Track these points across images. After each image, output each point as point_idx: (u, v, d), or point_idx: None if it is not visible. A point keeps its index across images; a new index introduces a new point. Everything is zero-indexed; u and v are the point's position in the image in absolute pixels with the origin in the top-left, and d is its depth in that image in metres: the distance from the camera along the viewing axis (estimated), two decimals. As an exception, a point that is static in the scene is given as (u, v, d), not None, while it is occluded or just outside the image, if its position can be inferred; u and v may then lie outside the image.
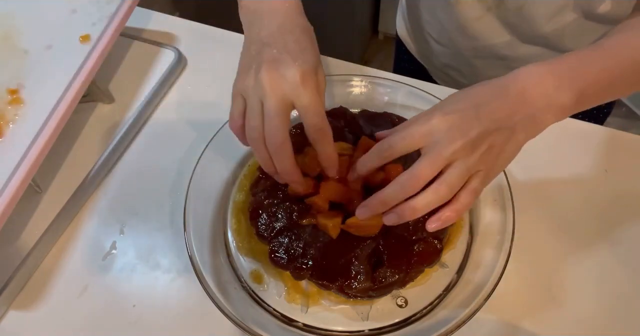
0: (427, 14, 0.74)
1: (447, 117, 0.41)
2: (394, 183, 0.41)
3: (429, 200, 0.41)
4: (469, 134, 0.40)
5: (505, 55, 0.69)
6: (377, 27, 1.92)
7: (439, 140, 0.40)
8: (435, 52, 0.78)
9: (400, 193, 0.41)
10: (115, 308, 0.53)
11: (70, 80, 0.57)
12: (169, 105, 0.67)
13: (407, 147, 0.42)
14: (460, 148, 0.40)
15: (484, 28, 0.66)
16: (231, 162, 0.58)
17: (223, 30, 0.74)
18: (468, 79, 0.78)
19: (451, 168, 0.41)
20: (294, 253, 0.47)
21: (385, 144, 0.43)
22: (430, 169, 0.40)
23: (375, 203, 0.42)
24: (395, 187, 0.41)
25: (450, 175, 0.41)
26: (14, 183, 0.50)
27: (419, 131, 0.41)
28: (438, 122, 0.41)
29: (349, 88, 0.61)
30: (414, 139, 0.41)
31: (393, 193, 0.41)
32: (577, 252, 0.54)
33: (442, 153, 0.40)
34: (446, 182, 0.41)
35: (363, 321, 0.49)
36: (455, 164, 0.41)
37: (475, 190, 0.42)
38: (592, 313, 0.51)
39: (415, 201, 0.41)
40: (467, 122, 0.41)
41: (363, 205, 0.43)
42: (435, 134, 0.41)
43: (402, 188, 0.41)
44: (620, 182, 0.58)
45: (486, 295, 0.46)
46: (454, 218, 0.42)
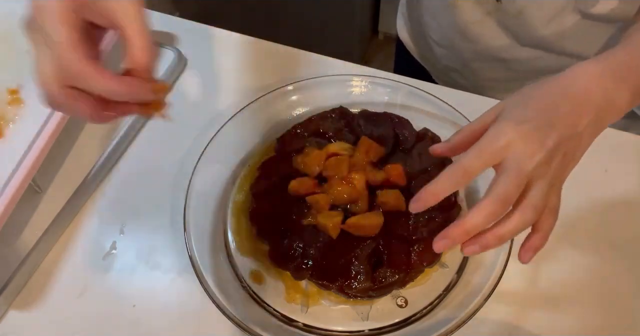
0: (427, 17, 0.74)
1: (521, 127, 0.38)
2: (477, 210, 0.36)
3: (515, 226, 0.37)
4: (546, 145, 0.37)
5: (505, 57, 0.69)
6: (377, 27, 1.92)
7: (518, 155, 0.37)
8: (436, 54, 0.78)
9: (486, 221, 0.37)
10: (115, 308, 0.53)
11: (70, 80, 0.57)
12: (169, 105, 0.67)
13: (484, 166, 0.38)
14: (542, 161, 0.37)
15: (483, 31, 0.66)
16: (231, 162, 0.58)
17: (223, 30, 0.74)
18: (469, 81, 0.78)
19: (534, 189, 0.38)
20: (294, 253, 0.47)
21: (459, 169, 0.38)
22: (515, 188, 0.37)
23: (458, 234, 0.37)
24: (479, 214, 0.36)
25: (535, 197, 0.38)
26: (14, 183, 0.50)
27: (494, 147, 0.38)
28: (514, 134, 0.37)
29: (349, 88, 0.61)
30: (491, 156, 0.38)
31: (477, 221, 0.37)
32: (577, 252, 0.54)
33: (525, 169, 0.37)
34: (532, 205, 0.37)
35: (363, 321, 0.49)
36: (538, 184, 0.38)
37: (555, 207, 0.40)
38: (592, 313, 0.51)
39: (500, 228, 0.37)
40: (542, 131, 0.38)
41: (443, 236, 0.38)
42: (512, 148, 0.37)
43: (490, 215, 0.36)
44: (620, 182, 0.58)
45: (486, 295, 0.46)
46: (544, 244, 0.40)
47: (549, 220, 0.40)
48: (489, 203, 0.36)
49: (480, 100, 0.64)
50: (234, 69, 0.70)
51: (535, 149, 0.37)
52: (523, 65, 0.69)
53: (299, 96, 0.61)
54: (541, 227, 0.40)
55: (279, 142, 0.56)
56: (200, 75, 0.70)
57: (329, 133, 0.55)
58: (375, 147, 0.52)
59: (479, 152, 0.38)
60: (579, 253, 0.54)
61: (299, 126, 0.56)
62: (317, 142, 0.54)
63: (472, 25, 0.66)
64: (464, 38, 0.69)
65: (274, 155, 0.56)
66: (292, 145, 0.54)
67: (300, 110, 0.61)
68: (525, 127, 0.38)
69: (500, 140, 0.37)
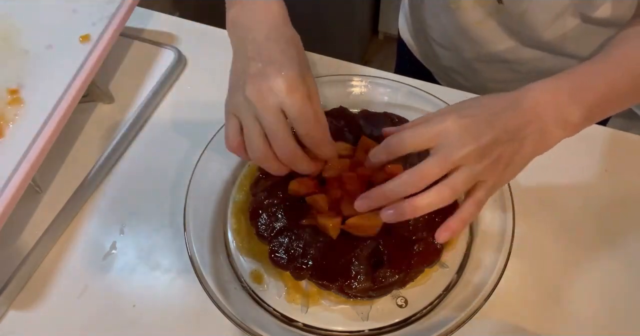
0: (430, 18, 0.74)
1: (461, 120, 0.40)
2: (397, 178, 0.41)
3: (430, 200, 0.40)
4: (480, 140, 0.40)
5: (507, 59, 0.69)
6: (377, 27, 1.92)
7: (450, 142, 0.40)
8: (438, 55, 0.78)
9: (403, 189, 0.40)
10: (115, 308, 0.53)
11: (70, 80, 0.57)
12: (169, 105, 0.67)
13: (418, 144, 0.41)
14: (471, 153, 0.40)
15: (485, 33, 0.66)
16: (231, 161, 0.58)
17: (223, 30, 0.74)
18: (471, 82, 0.78)
19: (457, 172, 0.40)
20: (294, 253, 0.47)
21: (396, 139, 0.42)
22: (438, 169, 0.40)
23: (376, 195, 0.42)
24: (398, 182, 0.41)
25: (455, 178, 0.40)
26: (14, 183, 0.50)
27: (431, 130, 0.41)
28: (451, 123, 0.40)
29: (349, 88, 0.61)
30: (426, 138, 0.41)
31: (396, 187, 0.41)
32: (577, 252, 0.54)
33: (452, 155, 0.40)
34: (450, 185, 0.40)
35: (363, 321, 0.49)
36: (462, 169, 0.40)
37: (480, 200, 0.42)
38: (592, 313, 0.51)
39: (416, 199, 0.40)
40: (480, 128, 0.40)
41: (363, 196, 0.42)
42: (447, 136, 0.40)
43: (405, 183, 0.40)
44: (620, 182, 0.58)
45: (486, 295, 0.46)
46: (461, 228, 0.43)
47: (470, 208, 0.42)
48: (407, 174, 0.40)
49: (480, 100, 0.63)
50: (234, 69, 0.70)
51: (468, 141, 0.40)
52: (525, 67, 0.69)
53: (299, 96, 0.61)
54: (462, 212, 0.42)
55: (279, 142, 0.56)
56: (200, 75, 0.70)
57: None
58: (375, 146, 0.52)
59: (417, 132, 0.41)
60: (578, 253, 0.54)
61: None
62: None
63: (473, 26, 0.66)
64: (466, 39, 0.69)
65: (274, 155, 0.55)
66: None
67: (300, 110, 0.61)
68: (465, 121, 0.41)
69: (438, 126, 0.41)
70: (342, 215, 0.47)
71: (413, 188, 0.40)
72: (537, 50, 0.66)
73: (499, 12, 0.62)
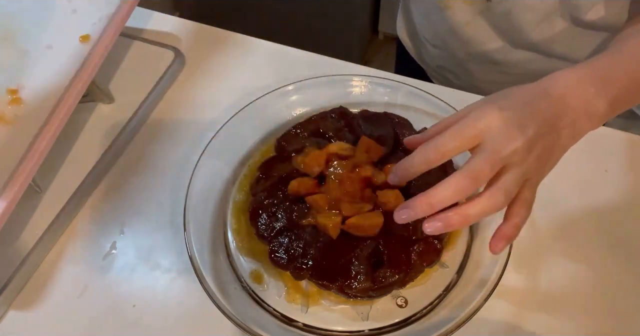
0: (420, 18, 0.74)
1: (503, 112, 0.37)
2: (445, 184, 0.36)
3: (483, 207, 0.36)
4: (527, 132, 0.37)
5: (497, 59, 0.69)
6: (377, 27, 1.92)
7: (496, 137, 0.36)
8: (429, 54, 0.78)
9: (453, 196, 0.36)
10: (115, 308, 0.53)
11: (70, 80, 0.57)
12: (169, 105, 0.68)
13: (460, 147, 0.37)
14: (519, 148, 0.36)
15: (475, 32, 0.66)
16: (231, 161, 0.58)
17: (223, 30, 0.74)
18: (463, 81, 0.78)
19: (508, 173, 0.37)
20: (294, 253, 0.47)
21: (434, 146, 0.37)
22: (490, 168, 0.36)
23: (420, 205, 0.36)
24: (446, 189, 0.36)
25: (508, 180, 0.37)
26: (14, 183, 0.50)
27: (474, 128, 0.37)
28: (495, 118, 0.37)
29: (349, 88, 0.61)
30: (469, 136, 0.37)
31: (444, 195, 0.36)
32: (577, 252, 0.54)
33: (502, 151, 0.36)
34: (504, 188, 0.36)
35: (363, 321, 0.49)
36: (513, 169, 0.37)
37: (529, 202, 0.39)
38: (592, 313, 0.51)
39: (467, 208, 0.36)
40: (524, 120, 0.37)
41: (404, 206, 0.37)
42: (491, 131, 0.36)
43: (457, 190, 0.36)
44: (620, 182, 0.58)
45: (486, 295, 0.46)
46: (516, 234, 0.39)
47: (521, 211, 0.39)
48: (458, 178, 0.36)
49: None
50: (234, 69, 0.70)
51: (515, 135, 0.36)
52: (516, 68, 0.69)
53: (299, 96, 0.61)
54: (513, 216, 0.39)
55: (279, 142, 0.56)
56: (200, 75, 0.70)
57: (329, 133, 0.55)
58: (375, 146, 0.52)
59: (457, 132, 0.37)
60: (578, 253, 0.54)
61: (299, 126, 0.56)
62: (317, 142, 0.54)
63: (463, 26, 0.66)
64: (456, 38, 0.69)
65: (274, 155, 0.56)
66: (292, 145, 0.54)
67: (300, 110, 0.61)
68: (508, 113, 0.37)
69: (481, 122, 0.37)
70: (342, 215, 0.47)
71: (464, 195, 0.36)
72: (527, 51, 0.65)
73: (488, 10, 0.62)
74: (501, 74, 0.71)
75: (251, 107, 0.59)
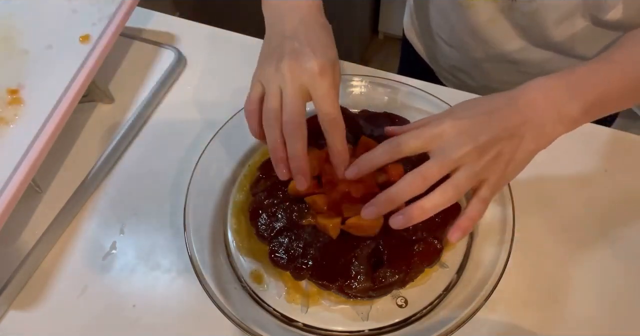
0: (437, 16, 0.74)
1: (458, 122, 0.42)
2: (400, 181, 0.41)
3: (436, 201, 0.41)
4: (478, 139, 0.41)
5: (516, 59, 0.69)
6: (377, 27, 1.92)
7: (448, 144, 0.41)
8: (444, 54, 0.78)
9: (407, 192, 0.41)
10: (115, 308, 0.53)
11: (70, 80, 0.57)
12: (169, 105, 0.68)
13: (416, 147, 0.42)
14: (469, 153, 0.41)
15: (495, 32, 0.66)
16: (231, 162, 0.58)
17: (223, 30, 0.74)
18: (477, 82, 0.78)
19: (459, 171, 0.41)
20: (294, 253, 0.47)
21: (395, 142, 0.43)
22: (438, 170, 0.41)
23: (382, 201, 0.42)
24: (401, 185, 0.41)
25: (458, 178, 0.41)
26: (14, 183, 0.50)
27: (428, 133, 0.42)
28: (449, 126, 0.42)
29: (349, 88, 0.61)
30: (423, 140, 0.42)
31: (399, 190, 0.41)
32: (577, 252, 0.54)
33: (451, 155, 0.41)
34: (453, 184, 0.41)
35: (363, 321, 0.49)
36: (463, 168, 0.41)
37: (485, 198, 0.43)
38: (592, 313, 0.51)
39: (422, 201, 0.41)
40: (477, 128, 0.41)
41: (369, 204, 0.43)
42: (445, 137, 0.42)
43: (409, 186, 0.41)
44: (620, 182, 0.58)
45: (486, 295, 0.46)
46: (471, 226, 0.43)
47: (476, 206, 0.43)
48: (411, 177, 0.41)
49: (480, 100, 0.63)
50: (234, 69, 0.70)
51: (465, 141, 0.41)
52: (534, 68, 0.69)
53: (299, 96, 0.61)
54: (468, 210, 0.43)
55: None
56: (200, 75, 0.70)
57: (329, 133, 0.55)
58: (375, 145, 0.52)
59: (416, 134, 0.43)
60: (579, 253, 0.54)
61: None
62: (317, 142, 0.54)
63: (484, 24, 0.66)
64: (476, 38, 0.69)
65: (274, 155, 0.55)
66: (292, 145, 0.54)
67: (300, 110, 0.61)
68: (462, 122, 0.42)
69: (436, 129, 0.42)
70: (342, 215, 0.47)
71: (416, 190, 0.41)
72: (547, 50, 0.65)
73: (510, 9, 0.62)
74: (518, 73, 0.71)
75: (251, 107, 0.58)
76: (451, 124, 0.42)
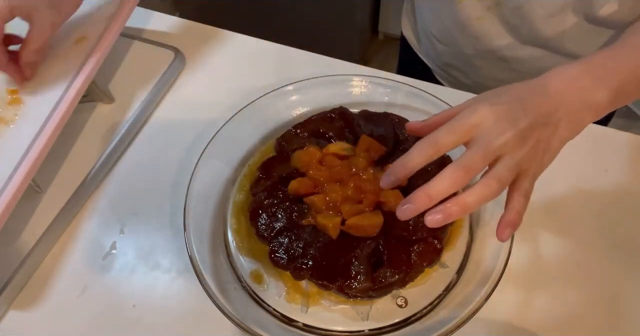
0: (429, 13, 0.74)
1: (494, 107, 0.39)
2: (440, 177, 0.38)
3: (479, 195, 0.38)
4: (518, 125, 0.39)
5: (506, 56, 0.69)
6: (377, 27, 1.92)
7: (488, 131, 0.39)
8: (438, 51, 0.78)
9: (449, 187, 0.38)
10: (115, 308, 0.53)
11: (70, 80, 0.57)
12: (169, 105, 0.68)
13: (455, 141, 0.39)
14: (510, 140, 0.38)
15: (484, 28, 0.66)
16: (231, 161, 0.58)
17: (223, 30, 0.74)
18: (471, 80, 0.78)
19: (500, 163, 0.39)
20: (294, 253, 0.47)
21: (430, 140, 0.39)
22: (481, 159, 0.38)
23: (420, 199, 0.38)
24: (443, 181, 0.37)
25: (500, 169, 0.38)
26: (14, 183, 0.50)
27: (467, 123, 0.39)
28: (486, 113, 0.39)
29: (349, 88, 0.61)
30: (462, 132, 0.39)
31: (441, 187, 0.37)
32: (577, 251, 0.54)
33: (493, 143, 0.38)
34: (496, 176, 0.38)
35: (363, 321, 0.49)
36: (504, 158, 0.39)
37: (527, 191, 0.40)
38: (592, 313, 0.51)
39: (464, 197, 0.38)
40: (514, 114, 0.39)
41: (405, 202, 0.38)
42: (483, 126, 0.39)
43: (453, 181, 0.37)
44: (620, 182, 0.58)
45: (486, 295, 0.46)
46: (520, 221, 0.40)
47: (521, 200, 0.40)
48: (452, 170, 0.38)
49: (480, 100, 0.64)
50: (234, 69, 0.70)
51: (506, 128, 0.38)
52: (524, 65, 0.69)
53: (299, 96, 0.61)
54: (513, 205, 0.40)
55: (278, 142, 0.56)
56: (200, 75, 0.70)
57: (329, 133, 0.55)
58: (376, 145, 0.52)
59: (451, 127, 0.39)
60: (579, 253, 0.54)
61: (299, 126, 0.56)
62: (317, 142, 0.54)
63: (473, 21, 0.66)
64: (465, 34, 0.69)
65: (274, 155, 0.56)
66: (292, 145, 0.54)
67: (300, 110, 0.61)
68: (499, 107, 0.39)
69: (473, 117, 0.39)
70: (342, 215, 0.47)
71: (459, 185, 0.38)
72: (536, 47, 0.66)
73: (498, 5, 0.62)
74: (509, 71, 0.71)
75: (251, 107, 0.59)
76: (488, 110, 0.39)
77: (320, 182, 0.49)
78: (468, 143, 0.39)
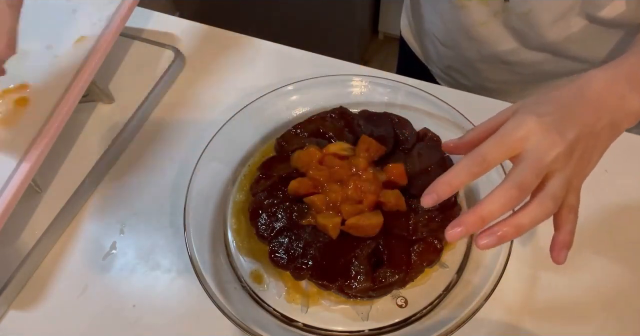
0: (432, 16, 0.74)
1: (542, 119, 0.37)
2: (493, 196, 0.35)
3: (534, 216, 0.36)
4: (567, 137, 0.37)
5: (510, 60, 0.69)
6: (377, 27, 1.92)
7: (537, 145, 0.37)
8: (439, 54, 0.78)
9: (503, 208, 0.35)
10: (115, 308, 0.53)
11: (70, 80, 0.57)
12: (169, 105, 0.68)
13: (504, 155, 0.37)
14: (561, 154, 0.37)
15: (489, 33, 0.66)
16: (231, 161, 0.58)
17: (223, 30, 0.74)
18: (471, 81, 0.78)
19: (553, 179, 0.37)
20: (294, 253, 0.47)
21: (477, 156, 0.37)
22: (536, 178, 0.36)
23: (471, 220, 0.35)
24: (495, 201, 0.35)
25: (554, 187, 0.37)
26: (14, 183, 0.50)
27: (514, 136, 0.37)
28: (533, 125, 0.37)
29: (349, 88, 0.61)
30: (510, 146, 0.37)
31: (494, 207, 0.35)
32: (577, 252, 0.54)
33: (545, 158, 0.36)
34: (552, 195, 0.36)
35: (363, 321, 0.49)
36: (557, 175, 0.37)
37: (575, 207, 0.39)
38: (592, 313, 0.51)
39: (518, 218, 0.36)
40: (561, 124, 0.37)
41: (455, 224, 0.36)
42: (531, 139, 0.37)
43: (506, 201, 0.35)
44: (621, 183, 0.58)
45: (486, 295, 0.46)
46: (572, 240, 0.39)
47: (570, 217, 0.39)
48: (505, 189, 0.35)
49: (481, 100, 0.64)
50: (234, 69, 0.70)
51: (556, 141, 0.37)
52: (528, 69, 0.69)
53: (299, 96, 0.61)
54: (564, 223, 0.39)
55: (278, 142, 0.56)
56: (200, 75, 0.70)
57: (329, 133, 0.55)
58: (376, 144, 0.52)
59: (498, 142, 0.37)
60: (578, 253, 0.54)
61: (299, 126, 0.56)
62: (317, 142, 0.54)
63: (478, 26, 0.66)
64: (469, 38, 0.69)
65: (274, 155, 0.56)
66: (292, 145, 0.55)
67: (300, 110, 0.61)
68: (546, 119, 0.37)
69: (521, 130, 0.37)
70: (341, 215, 0.47)
71: (513, 205, 0.36)
72: (540, 52, 0.65)
73: (504, 11, 0.62)
74: (512, 73, 0.71)
75: (251, 107, 0.59)
76: (535, 122, 0.37)
77: (320, 182, 0.49)
78: (516, 158, 0.37)
